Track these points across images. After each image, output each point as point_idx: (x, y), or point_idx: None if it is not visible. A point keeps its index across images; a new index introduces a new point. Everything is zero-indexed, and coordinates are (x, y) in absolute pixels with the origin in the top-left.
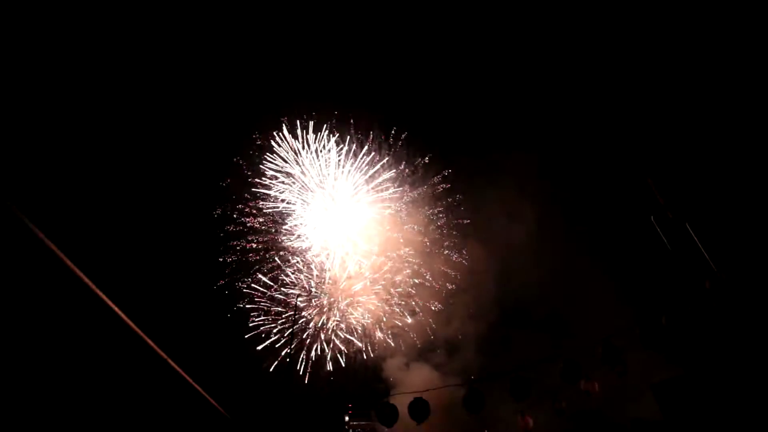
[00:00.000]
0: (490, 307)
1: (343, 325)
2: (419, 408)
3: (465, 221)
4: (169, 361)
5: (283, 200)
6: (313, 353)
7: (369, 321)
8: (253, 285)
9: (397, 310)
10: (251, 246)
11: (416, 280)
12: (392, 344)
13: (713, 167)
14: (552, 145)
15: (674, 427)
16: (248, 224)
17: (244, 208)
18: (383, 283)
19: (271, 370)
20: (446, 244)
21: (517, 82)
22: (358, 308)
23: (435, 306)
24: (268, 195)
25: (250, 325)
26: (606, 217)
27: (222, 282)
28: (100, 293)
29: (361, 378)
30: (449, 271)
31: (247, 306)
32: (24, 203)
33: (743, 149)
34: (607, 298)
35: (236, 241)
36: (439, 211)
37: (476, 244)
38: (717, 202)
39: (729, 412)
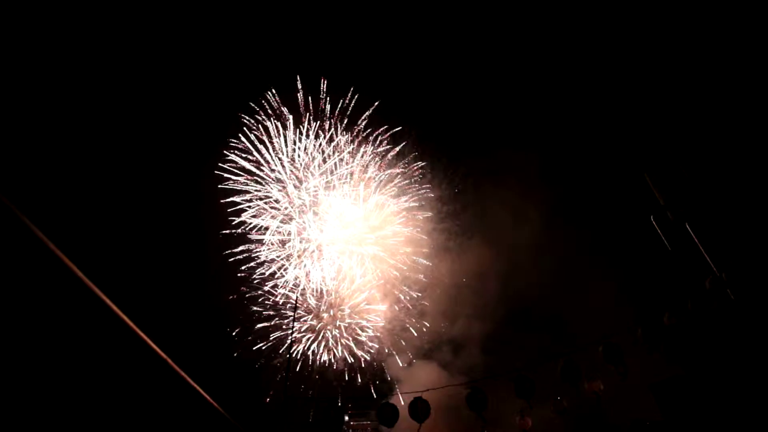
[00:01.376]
0: (492, 307)
1: (344, 327)
2: (420, 408)
3: (467, 225)
4: (171, 362)
5: (286, 208)
6: (314, 354)
7: (370, 322)
8: (255, 288)
9: (403, 314)
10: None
11: (422, 292)
12: (393, 345)
13: (713, 167)
14: (552, 147)
15: (674, 427)
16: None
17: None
18: (385, 283)
19: (279, 374)
20: (450, 245)
21: (517, 83)
22: (361, 310)
23: (437, 307)
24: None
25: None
26: (606, 217)
27: (232, 297)
28: (116, 308)
29: (361, 378)
30: (452, 271)
31: (251, 308)
32: (48, 222)
33: (743, 149)
34: (608, 298)
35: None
36: (445, 215)
37: (478, 246)
38: (717, 203)
39: (729, 413)
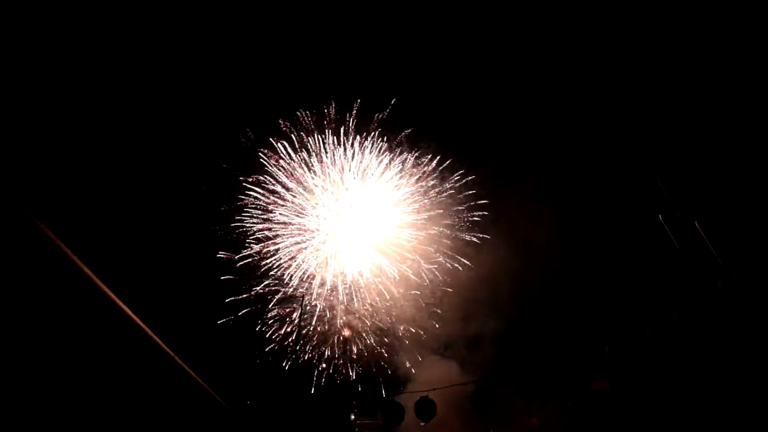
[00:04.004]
0: (501, 307)
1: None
2: (425, 407)
3: (476, 233)
4: (176, 358)
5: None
6: (321, 350)
7: (376, 321)
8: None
9: (416, 312)
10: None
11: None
12: (402, 342)
13: (721, 165)
14: (559, 146)
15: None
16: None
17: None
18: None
19: (285, 368)
20: (464, 246)
21: (525, 81)
22: (368, 307)
23: (448, 305)
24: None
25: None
26: (613, 216)
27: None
28: (110, 292)
29: (368, 376)
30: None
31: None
32: (46, 215)
33: (751, 146)
34: (616, 297)
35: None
36: (457, 215)
37: (490, 247)
38: (726, 200)
39: (731, 412)
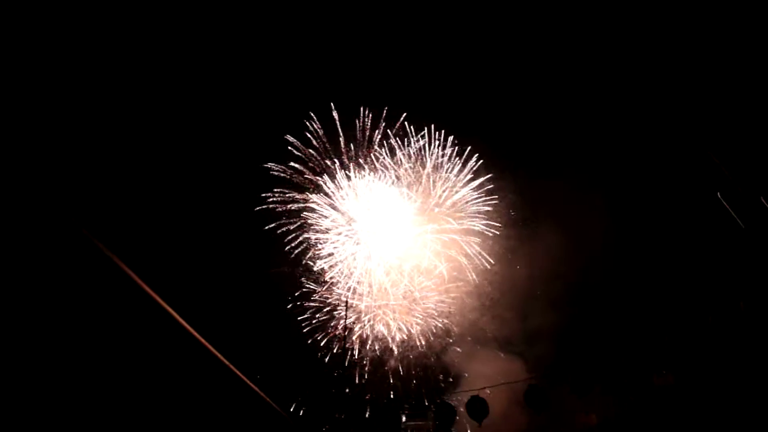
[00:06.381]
0: (555, 302)
1: (400, 323)
2: (478, 407)
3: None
4: (230, 365)
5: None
6: (368, 348)
7: (428, 318)
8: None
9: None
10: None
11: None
12: (453, 342)
13: None
14: (606, 120)
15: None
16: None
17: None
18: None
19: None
20: (510, 238)
21: (576, 56)
22: (417, 306)
23: (499, 303)
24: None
25: (305, 324)
26: (669, 197)
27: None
28: (169, 308)
29: (419, 376)
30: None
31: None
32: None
33: None
34: (675, 285)
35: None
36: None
37: (539, 237)
38: None
39: None
